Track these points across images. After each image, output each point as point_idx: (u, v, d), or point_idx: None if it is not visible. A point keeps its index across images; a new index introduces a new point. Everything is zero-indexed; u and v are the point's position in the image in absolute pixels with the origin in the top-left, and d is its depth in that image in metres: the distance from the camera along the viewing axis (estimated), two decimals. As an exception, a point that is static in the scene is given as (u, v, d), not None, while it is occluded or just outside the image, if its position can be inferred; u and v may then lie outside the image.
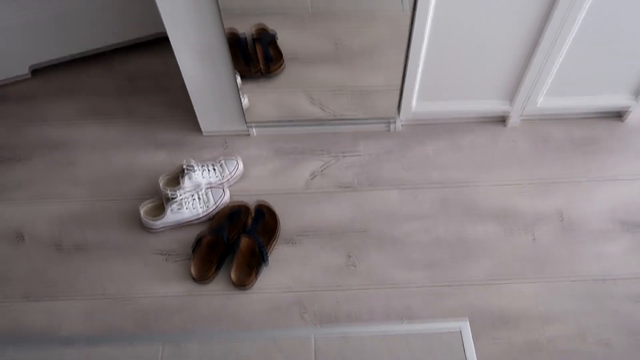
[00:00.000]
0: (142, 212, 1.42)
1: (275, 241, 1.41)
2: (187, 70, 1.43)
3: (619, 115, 1.65)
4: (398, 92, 1.51)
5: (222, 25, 1.32)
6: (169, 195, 1.43)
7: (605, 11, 1.28)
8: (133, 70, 1.85)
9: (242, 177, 1.56)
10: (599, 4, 1.25)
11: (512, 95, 1.52)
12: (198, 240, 1.37)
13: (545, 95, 1.52)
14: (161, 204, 1.46)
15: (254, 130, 1.65)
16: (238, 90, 1.50)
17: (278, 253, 1.40)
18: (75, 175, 1.57)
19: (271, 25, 1.32)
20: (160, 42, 1.90)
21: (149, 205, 1.45)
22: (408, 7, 1.27)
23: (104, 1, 1.70)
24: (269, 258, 1.39)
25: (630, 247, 1.38)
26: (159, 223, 1.42)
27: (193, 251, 1.37)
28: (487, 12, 1.27)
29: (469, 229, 1.43)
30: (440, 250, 1.39)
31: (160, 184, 1.47)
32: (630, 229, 1.41)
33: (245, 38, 1.36)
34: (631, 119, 1.64)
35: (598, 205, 1.46)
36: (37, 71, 1.83)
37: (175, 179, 1.51)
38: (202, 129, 1.64)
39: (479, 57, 1.40)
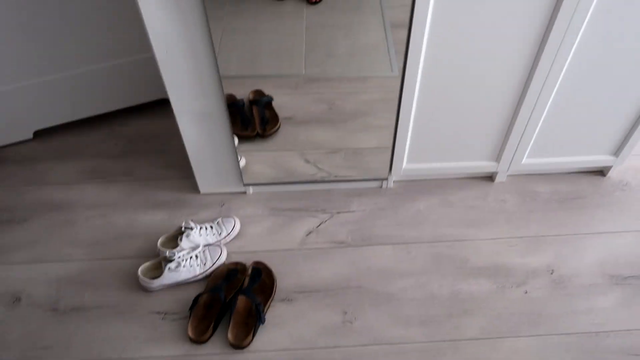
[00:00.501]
0: (139, 271, 1.44)
1: (271, 300, 1.42)
2: (187, 134, 1.49)
3: (601, 171, 1.73)
4: (390, 152, 1.57)
5: (222, 92, 1.39)
6: (167, 255, 1.45)
7: (580, 80, 1.37)
8: (133, 132, 1.91)
9: (239, 235, 1.59)
10: (573, 72, 1.35)
11: (498, 156, 1.59)
12: (195, 300, 1.38)
13: (529, 156, 1.60)
14: (159, 264, 1.48)
15: (250, 189, 1.70)
16: (236, 152, 1.56)
17: (275, 311, 1.41)
18: (74, 236, 1.60)
19: (267, 89, 1.39)
20: (160, 105, 1.98)
21: (147, 264, 1.47)
22: (397, 70, 1.35)
23: (108, 68, 1.78)
24: (266, 317, 1.40)
25: (620, 301, 1.41)
26: (156, 282, 1.43)
27: (190, 310, 1.38)
28: (471, 79, 1.36)
29: (463, 285, 1.45)
30: (435, 307, 1.41)
31: (159, 244, 1.50)
32: (619, 282, 1.44)
33: (243, 101, 1.43)
34: (613, 174, 1.71)
35: (587, 260, 1.50)
36: (38, 133, 1.89)
37: (174, 239, 1.54)
38: (200, 190, 1.69)
39: (465, 121, 1.48)
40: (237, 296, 1.38)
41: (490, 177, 1.73)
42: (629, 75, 1.37)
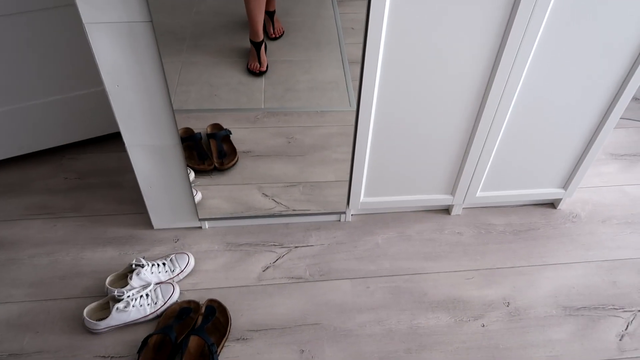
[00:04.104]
0: (85, 313, 1.36)
1: (226, 339, 1.37)
2: (139, 168, 1.45)
3: (552, 203, 1.78)
4: (347, 186, 1.57)
5: (176, 125, 1.37)
6: (115, 294, 1.38)
7: (527, 116, 1.42)
8: (84, 166, 1.85)
9: (193, 272, 1.54)
10: (521, 108, 1.40)
11: (453, 189, 1.62)
12: (144, 341, 1.31)
13: (482, 189, 1.63)
14: (107, 304, 1.41)
15: (206, 224, 1.66)
16: (191, 187, 1.53)
17: (228, 352, 1.36)
18: (17, 276, 1.50)
19: (226, 123, 1.38)
20: (112, 138, 1.94)
21: (94, 305, 1.39)
22: (355, 105, 1.36)
23: (57, 101, 1.74)
24: (219, 357, 1.34)
25: (574, 332, 1.42)
26: (103, 324, 1.36)
27: (138, 353, 1.31)
28: (424, 114, 1.39)
29: (421, 319, 1.44)
30: (393, 343, 1.39)
31: (107, 283, 1.43)
32: (572, 313, 1.47)
33: (200, 135, 1.41)
34: (563, 206, 1.76)
35: (541, 291, 1.52)
36: (-17, 168, 1.81)
37: (124, 277, 1.47)
38: (154, 225, 1.64)
39: (419, 155, 1.50)
40: (189, 336, 1.33)
41: (446, 210, 1.75)
42: (573, 112, 1.44)
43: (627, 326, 1.44)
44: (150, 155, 1.43)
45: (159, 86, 1.27)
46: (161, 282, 1.47)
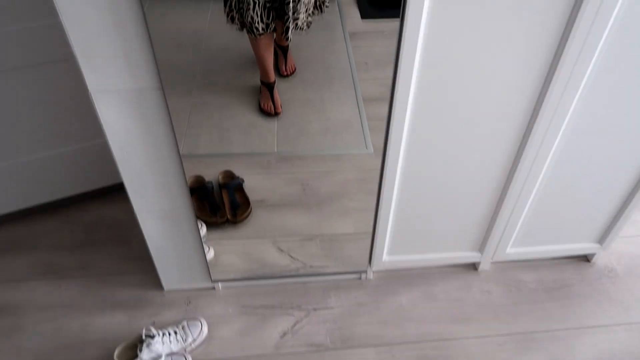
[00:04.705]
0: (92, 392, 1.28)
1: (243, 420, 1.27)
2: (149, 233, 1.37)
3: (586, 258, 1.67)
4: (369, 240, 1.48)
5: (186, 184, 1.29)
6: (125, 371, 1.30)
7: (565, 169, 1.33)
8: (91, 220, 1.77)
9: (207, 338, 1.45)
10: (559, 161, 1.30)
11: (481, 246, 1.52)
12: None
13: (513, 245, 1.53)
14: (115, 380, 1.32)
15: (219, 285, 1.57)
16: (202, 247, 1.44)
17: None
18: (20, 345, 1.42)
19: (238, 169, 1.30)
20: (121, 189, 1.85)
21: (102, 382, 1.31)
22: (372, 148, 1.27)
23: (61, 154, 1.66)
24: None
25: (619, 407, 1.32)
26: (112, 403, 1.27)
27: None
28: (456, 164, 1.28)
29: (452, 393, 1.34)
30: (423, 421, 1.29)
31: (115, 355, 1.34)
32: (616, 384, 1.36)
33: (212, 184, 1.33)
34: (598, 261, 1.65)
35: (581, 359, 1.41)
36: (-14, 223, 1.74)
37: (133, 347, 1.38)
38: (164, 286, 1.55)
39: (449, 210, 1.41)
40: (203, 419, 1.23)
41: (473, 265, 1.65)
42: (614, 165, 1.34)
43: (677, 400, 1.33)
44: (160, 218, 1.34)
45: (169, 152, 1.20)
46: (173, 353, 1.38)
